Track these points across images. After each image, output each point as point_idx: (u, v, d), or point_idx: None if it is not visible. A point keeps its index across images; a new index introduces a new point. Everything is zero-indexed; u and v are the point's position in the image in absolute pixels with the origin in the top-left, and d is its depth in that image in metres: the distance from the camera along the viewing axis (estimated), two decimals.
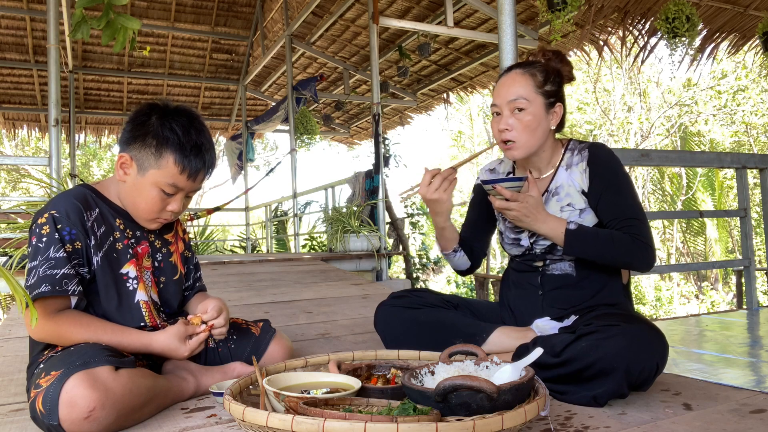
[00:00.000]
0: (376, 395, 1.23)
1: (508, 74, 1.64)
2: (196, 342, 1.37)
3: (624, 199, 1.57)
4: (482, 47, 7.55)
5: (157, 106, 1.42)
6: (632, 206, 1.57)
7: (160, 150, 1.37)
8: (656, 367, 1.31)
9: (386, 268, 5.25)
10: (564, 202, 1.63)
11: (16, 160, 9.07)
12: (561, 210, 1.63)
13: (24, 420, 1.29)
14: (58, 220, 1.31)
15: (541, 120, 1.60)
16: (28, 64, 8.10)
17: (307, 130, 7.67)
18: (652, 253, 1.53)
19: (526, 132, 1.59)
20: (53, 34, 3.94)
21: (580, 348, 1.30)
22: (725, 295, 11.47)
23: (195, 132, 1.40)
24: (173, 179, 1.38)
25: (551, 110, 1.62)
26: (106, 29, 2.29)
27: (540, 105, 1.60)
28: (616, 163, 1.61)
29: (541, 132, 1.61)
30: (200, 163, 1.40)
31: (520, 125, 1.59)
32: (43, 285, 1.25)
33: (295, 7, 7.26)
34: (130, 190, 1.42)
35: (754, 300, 3.16)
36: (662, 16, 4.60)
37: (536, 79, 1.61)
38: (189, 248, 1.67)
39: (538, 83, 1.60)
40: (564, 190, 1.64)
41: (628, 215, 1.55)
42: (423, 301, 1.79)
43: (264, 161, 18.93)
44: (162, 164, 1.37)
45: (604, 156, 1.61)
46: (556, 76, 1.64)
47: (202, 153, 1.41)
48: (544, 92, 1.61)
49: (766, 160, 3.34)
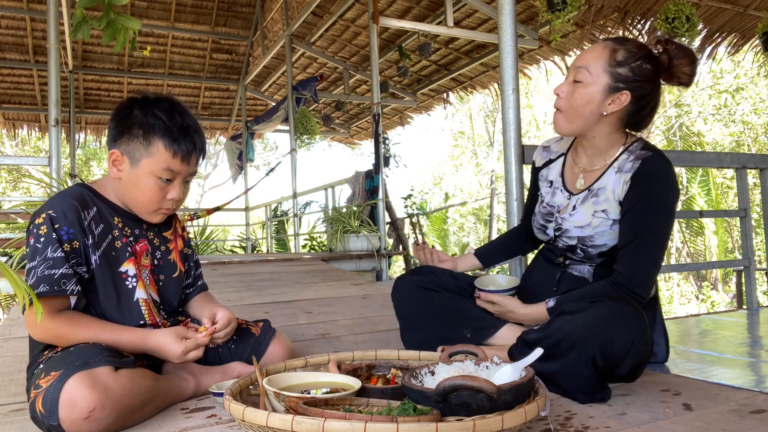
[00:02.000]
0: (376, 395, 1.23)
1: (597, 43, 1.53)
2: (192, 344, 1.33)
3: (642, 230, 1.44)
4: (482, 47, 7.55)
5: (137, 99, 1.42)
6: (643, 237, 1.44)
7: (148, 138, 1.37)
8: (631, 343, 1.27)
9: (386, 268, 5.25)
10: (600, 207, 1.54)
11: (16, 160, 9.07)
12: (594, 215, 1.54)
13: (24, 420, 1.28)
14: (55, 219, 1.30)
15: (593, 99, 1.48)
16: (28, 64, 8.10)
17: (307, 130, 7.67)
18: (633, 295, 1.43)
19: (573, 102, 1.50)
20: (53, 34, 3.94)
21: (558, 322, 1.34)
22: (725, 295, 11.47)
23: (179, 115, 1.40)
24: (167, 164, 1.38)
25: (613, 95, 1.47)
26: (107, 29, 2.29)
27: (601, 84, 1.47)
28: (660, 182, 1.45)
29: (589, 111, 1.49)
30: (190, 144, 1.40)
31: (571, 94, 1.51)
32: (41, 285, 1.25)
33: (295, 7, 7.26)
34: (127, 185, 1.41)
35: (754, 300, 3.16)
36: (662, 16, 4.60)
37: (614, 57, 1.47)
38: (188, 245, 1.67)
39: (612, 63, 1.47)
40: (605, 194, 1.54)
41: (634, 240, 1.44)
42: (441, 284, 1.76)
43: (264, 161, 18.94)
44: (153, 151, 1.37)
45: (652, 172, 1.46)
46: (644, 66, 1.47)
47: (190, 134, 1.41)
48: (614, 73, 1.46)
49: (766, 160, 3.34)
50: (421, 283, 1.76)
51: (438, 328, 1.67)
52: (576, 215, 1.58)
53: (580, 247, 1.59)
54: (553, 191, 1.69)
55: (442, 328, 1.67)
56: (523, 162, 2.57)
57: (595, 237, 1.55)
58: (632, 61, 1.46)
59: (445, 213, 14.77)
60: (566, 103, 1.52)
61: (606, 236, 1.54)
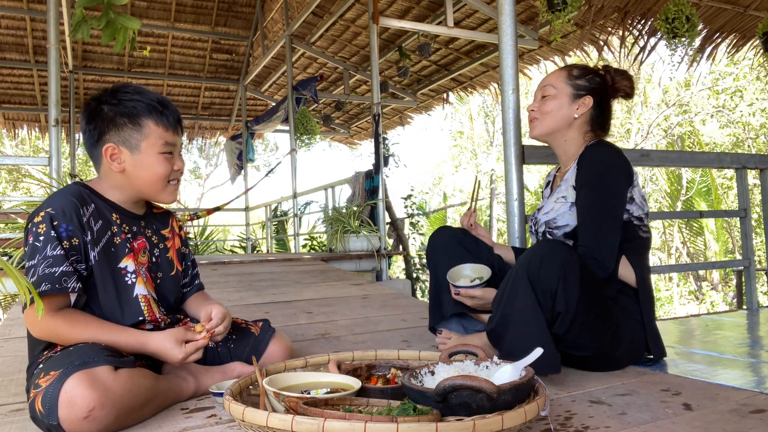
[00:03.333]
0: (376, 395, 1.23)
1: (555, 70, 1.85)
2: (192, 347, 1.33)
3: (589, 201, 1.63)
4: (482, 47, 7.55)
5: (97, 96, 1.44)
6: (592, 209, 1.62)
7: (136, 121, 1.40)
8: (561, 268, 1.41)
9: (386, 268, 5.25)
10: (561, 194, 1.75)
11: (17, 160, 9.07)
12: (556, 201, 1.76)
13: (24, 420, 1.28)
14: (54, 217, 1.30)
15: (562, 106, 1.75)
16: (28, 64, 8.10)
17: (307, 130, 7.66)
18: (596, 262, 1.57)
19: (545, 111, 1.77)
20: (53, 34, 3.93)
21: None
22: (725, 296, 11.47)
23: (148, 93, 1.45)
24: (163, 137, 1.42)
25: (578, 100, 1.74)
26: (106, 29, 2.29)
27: (566, 94, 1.75)
28: (602, 164, 1.65)
29: (561, 117, 1.76)
30: (174, 114, 1.46)
31: (543, 107, 1.78)
32: (43, 284, 1.24)
33: (295, 7, 7.26)
34: (134, 173, 1.42)
35: (754, 300, 3.15)
36: (662, 16, 4.59)
37: (570, 73, 1.77)
38: (185, 244, 1.67)
39: (570, 76, 1.76)
40: (565, 184, 1.76)
41: (584, 218, 1.63)
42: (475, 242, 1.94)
43: (264, 161, 18.94)
44: (146, 132, 1.41)
45: (593, 156, 1.67)
46: (596, 79, 1.76)
47: (168, 104, 1.46)
48: (574, 85, 1.75)
49: (766, 160, 3.34)
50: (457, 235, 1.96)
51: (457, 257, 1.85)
52: (545, 206, 1.82)
53: (547, 231, 1.78)
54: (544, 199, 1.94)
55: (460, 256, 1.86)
56: (523, 162, 2.57)
57: (557, 219, 1.75)
58: (586, 75, 1.77)
59: (444, 213, 14.77)
60: (540, 112, 1.79)
61: (567, 217, 1.71)
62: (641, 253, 1.69)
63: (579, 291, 1.43)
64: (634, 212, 1.67)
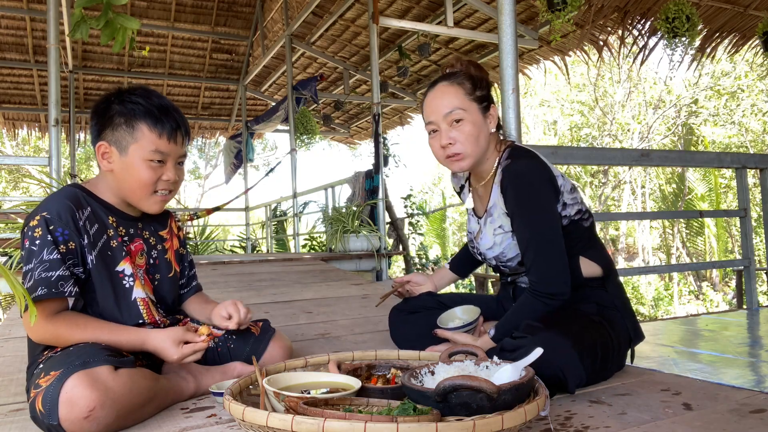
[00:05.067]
0: (376, 395, 1.23)
1: (434, 89, 1.64)
2: (190, 349, 1.32)
3: (524, 229, 1.53)
4: (482, 47, 7.55)
5: (112, 93, 1.43)
6: (531, 235, 1.51)
7: (130, 123, 1.37)
8: (561, 372, 1.32)
9: (386, 268, 5.25)
10: (496, 224, 1.64)
11: (16, 160, 9.06)
12: (494, 234, 1.65)
13: (24, 420, 1.28)
14: (50, 221, 1.29)
15: (481, 126, 1.59)
16: (28, 64, 8.10)
17: (307, 130, 7.66)
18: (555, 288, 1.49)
19: (469, 141, 1.58)
20: (53, 34, 3.93)
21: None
22: (725, 295, 11.47)
23: (156, 97, 1.41)
24: (154, 145, 1.37)
25: (487, 114, 1.61)
26: (105, 29, 2.29)
27: (476, 111, 1.59)
28: (524, 187, 1.53)
29: (483, 138, 1.60)
30: (173, 122, 1.40)
31: (462, 136, 1.58)
32: (39, 288, 1.24)
33: (295, 7, 7.26)
34: (120, 175, 1.40)
35: (754, 300, 3.16)
36: (662, 16, 4.60)
37: (465, 87, 1.61)
38: (184, 245, 1.67)
39: (468, 90, 1.60)
40: (496, 211, 1.63)
41: (526, 248, 1.52)
42: (422, 305, 1.92)
43: (263, 161, 18.95)
44: (138, 136, 1.37)
45: (510, 178, 1.55)
46: (482, 81, 1.64)
47: (171, 112, 1.41)
48: (477, 98, 1.60)
49: (766, 160, 3.34)
50: (405, 308, 1.95)
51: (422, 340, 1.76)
52: (483, 239, 1.70)
53: (500, 266, 1.70)
54: (469, 218, 1.81)
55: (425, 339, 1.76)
56: None
57: (505, 252, 1.65)
58: (477, 83, 1.62)
59: (444, 213, 14.78)
60: (463, 144, 1.58)
61: (513, 248, 1.61)
62: (593, 242, 1.64)
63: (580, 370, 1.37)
64: (571, 213, 1.60)
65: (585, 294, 1.60)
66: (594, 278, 1.62)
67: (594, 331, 1.48)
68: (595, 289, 1.61)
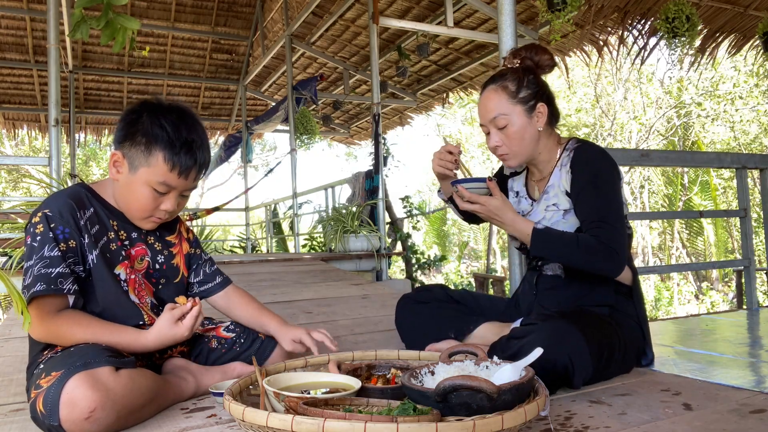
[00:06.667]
0: (376, 395, 1.23)
1: (484, 93, 1.69)
2: (191, 320, 1.32)
3: (599, 200, 1.56)
4: (482, 47, 7.55)
5: (149, 104, 1.40)
6: (604, 207, 1.55)
7: (149, 148, 1.34)
8: (570, 361, 1.33)
9: (386, 268, 5.25)
10: (551, 201, 1.68)
11: (16, 160, 9.07)
12: (546, 209, 1.69)
13: (24, 420, 1.28)
14: (51, 219, 1.30)
15: (526, 128, 1.64)
16: (28, 64, 8.10)
17: (306, 130, 7.66)
18: (617, 258, 1.51)
19: (515, 143, 1.65)
20: (53, 34, 3.93)
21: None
22: (725, 295, 11.47)
23: (186, 129, 1.37)
24: (164, 177, 1.35)
25: (534, 113, 1.65)
26: (105, 29, 2.29)
27: (520, 114, 1.63)
28: (599, 162, 1.60)
29: (529, 138, 1.66)
30: (191, 161, 1.37)
31: (507, 139, 1.66)
32: (38, 284, 1.24)
33: (295, 7, 7.26)
34: (122, 188, 1.40)
35: (754, 300, 3.16)
36: (662, 16, 4.59)
37: (509, 90, 1.64)
38: (195, 245, 1.64)
39: (512, 94, 1.64)
40: (554, 190, 1.68)
41: (599, 217, 1.54)
42: (433, 297, 1.92)
43: (263, 161, 18.94)
44: (152, 162, 1.34)
45: (587, 155, 1.62)
46: (530, 78, 1.66)
47: (193, 150, 1.37)
48: (521, 100, 1.64)
49: (766, 160, 3.34)
50: (415, 298, 1.94)
51: (429, 334, 1.78)
52: (533, 214, 1.73)
53: None
54: (519, 200, 1.84)
55: (432, 333, 1.78)
56: None
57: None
58: (524, 82, 1.65)
59: (444, 213, 14.77)
60: (509, 146, 1.66)
61: (561, 225, 1.64)
62: (629, 251, 1.68)
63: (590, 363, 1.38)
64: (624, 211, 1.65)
65: (611, 296, 1.63)
66: (623, 284, 1.66)
67: (603, 329, 1.49)
68: (621, 295, 1.65)
